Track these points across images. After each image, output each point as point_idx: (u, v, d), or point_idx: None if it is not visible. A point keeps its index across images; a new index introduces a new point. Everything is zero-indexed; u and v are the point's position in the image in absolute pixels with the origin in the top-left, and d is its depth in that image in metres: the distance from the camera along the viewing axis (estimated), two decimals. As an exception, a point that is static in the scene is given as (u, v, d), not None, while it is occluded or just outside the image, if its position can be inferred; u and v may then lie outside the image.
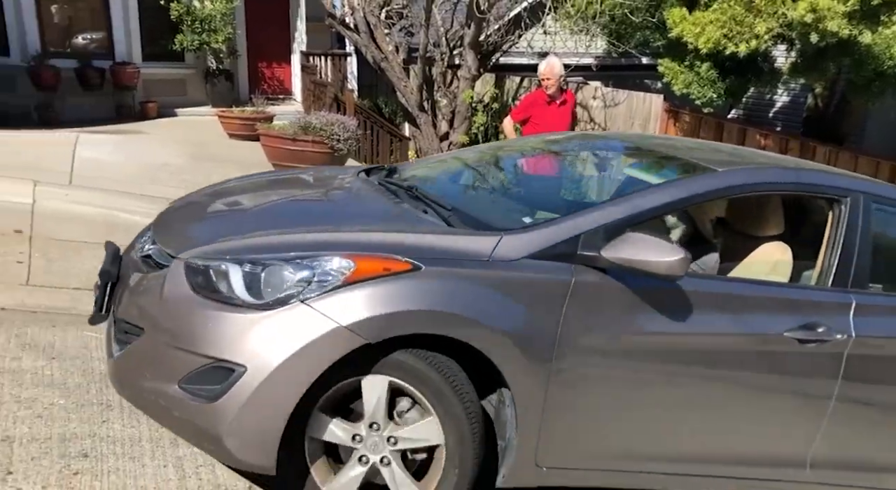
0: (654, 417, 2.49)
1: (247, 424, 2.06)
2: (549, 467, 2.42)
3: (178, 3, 11.02)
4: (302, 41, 13.16)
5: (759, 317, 2.50)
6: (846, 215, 2.65)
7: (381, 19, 9.29)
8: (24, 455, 2.23)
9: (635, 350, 2.37)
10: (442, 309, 2.15)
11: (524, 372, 2.24)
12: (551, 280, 2.26)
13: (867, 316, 2.59)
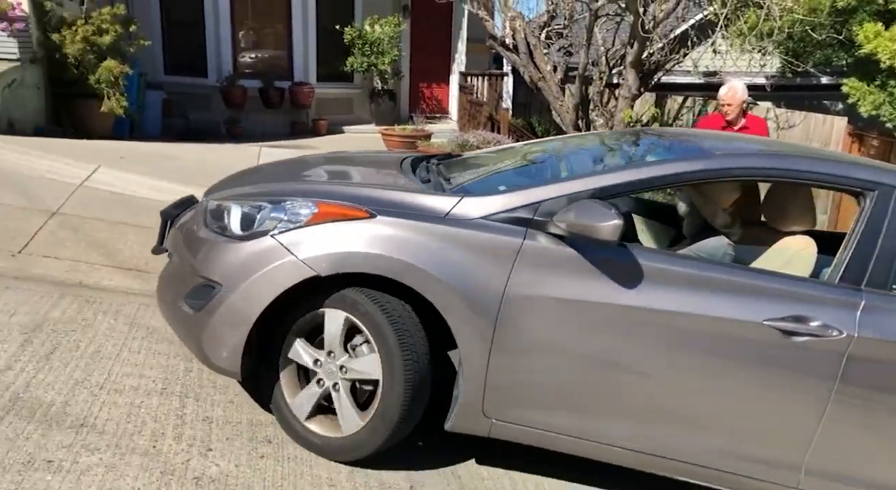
0: (596, 385, 2.50)
1: (218, 333, 2.46)
2: (497, 420, 2.52)
3: (351, 28, 11.81)
4: (461, 62, 13.59)
5: (731, 301, 2.41)
6: (868, 209, 2.47)
7: (541, 40, 9.38)
8: (220, 435, 2.49)
9: (579, 315, 2.41)
10: (390, 254, 2.38)
11: (469, 323, 2.39)
12: (503, 240, 2.40)
13: (880, 317, 2.38)
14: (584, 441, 2.56)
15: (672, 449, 2.52)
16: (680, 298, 2.40)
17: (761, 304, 2.40)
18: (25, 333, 2.83)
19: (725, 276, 2.47)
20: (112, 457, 2.20)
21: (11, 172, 4.99)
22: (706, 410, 2.49)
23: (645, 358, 2.46)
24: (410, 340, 2.42)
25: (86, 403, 2.45)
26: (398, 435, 2.49)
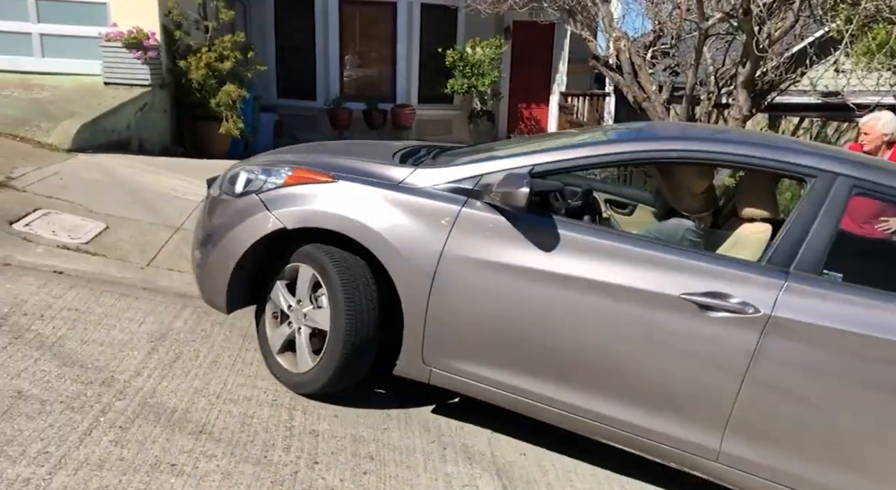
0: (518, 343, 2.72)
1: (211, 274, 3.00)
2: (434, 368, 2.83)
3: (452, 51, 12.04)
4: (561, 82, 13.52)
5: (649, 274, 2.54)
6: (807, 195, 2.55)
7: (646, 59, 9.19)
8: (326, 449, 2.56)
9: (502, 277, 2.65)
10: (344, 213, 2.77)
11: (410, 279, 2.72)
12: (444, 206, 2.72)
13: (801, 299, 2.42)
14: (511, 395, 2.78)
15: (590, 410, 2.67)
16: (598, 268, 2.58)
17: (681, 278, 2.51)
18: (152, 342, 3.04)
19: (646, 250, 2.59)
20: (227, 464, 2.31)
21: (142, 190, 5.40)
22: (621, 376, 2.62)
23: (562, 321, 2.64)
24: (357, 295, 2.74)
25: (204, 411, 2.59)
26: (342, 379, 2.84)
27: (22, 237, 3.82)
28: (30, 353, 2.69)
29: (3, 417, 2.25)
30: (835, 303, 2.41)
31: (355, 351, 2.78)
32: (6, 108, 6.63)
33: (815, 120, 9.75)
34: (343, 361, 2.77)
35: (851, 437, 2.42)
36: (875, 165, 2.69)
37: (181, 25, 8.73)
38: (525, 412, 2.82)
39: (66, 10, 8.42)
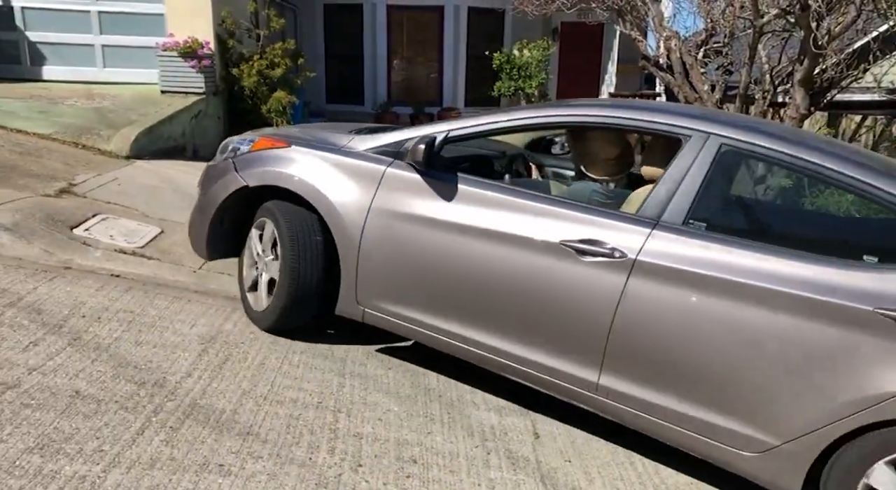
0: (430, 286, 3.11)
1: (194, 227, 3.66)
2: (366, 308, 3.26)
3: (499, 54, 12.02)
4: (610, 83, 13.35)
5: (536, 223, 2.87)
6: (680, 154, 2.81)
7: (698, 58, 8.99)
8: (369, 452, 2.58)
9: (415, 226, 3.07)
10: (292, 173, 3.27)
11: (344, 229, 3.17)
12: (373, 167, 3.18)
13: (663, 245, 2.68)
14: (428, 333, 3.15)
15: (493, 347, 3.00)
16: (490, 218, 2.95)
17: (562, 227, 2.83)
18: (203, 344, 3.11)
19: (533, 203, 2.94)
20: (273, 465, 2.34)
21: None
22: (513, 314, 2.94)
23: (460, 266, 3.02)
24: (300, 244, 3.20)
25: (251, 413, 2.64)
26: (288, 319, 3.33)
27: (82, 241, 3.97)
28: (87, 353, 2.79)
29: (62, 416, 2.34)
30: (694, 249, 2.64)
31: (297, 294, 3.25)
32: (70, 117, 6.93)
33: (879, 118, 9.35)
34: (287, 303, 3.26)
35: (704, 370, 2.64)
36: (746, 126, 2.87)
37: (234, 34, 8.97)
38: (442, 349, 3.18)
39: (126, 22, 8.76)
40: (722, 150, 2.76)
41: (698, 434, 2.68)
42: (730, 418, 2.60)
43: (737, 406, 2.59)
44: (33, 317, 2.99)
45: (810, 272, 2.48)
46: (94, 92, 8.14)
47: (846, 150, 2.89)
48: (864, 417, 2.37)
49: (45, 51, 8.76)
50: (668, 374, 2.72)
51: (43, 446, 2.16)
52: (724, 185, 2.99)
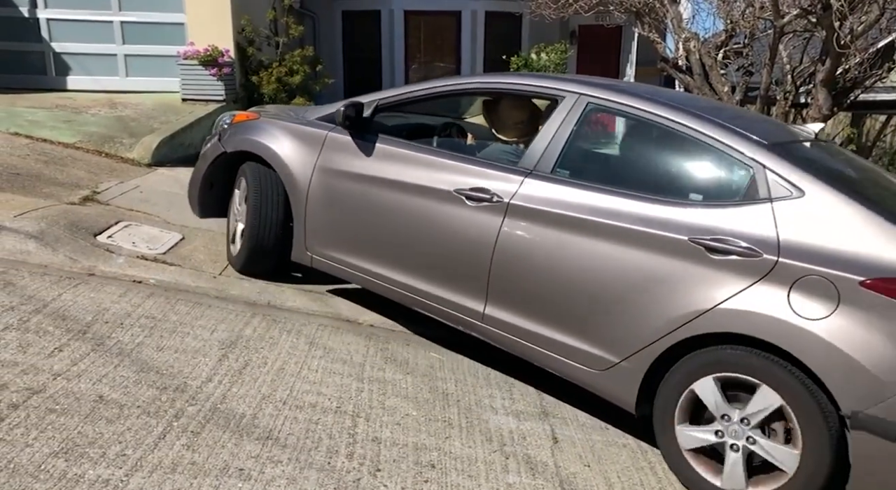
0: (359, 232, 3.64)
1: (190, 190, 4.40)
2: (313, 255, 3.80)
3: (517, 57, 12.02)
4: (629, 85, 13.29)
5: (436, 175, 3.36)
6: (553, 112, 3.25)
7: (718, 60, 8.91)
8: (388, 456, 2.59)
9: (347, 181, 3.64)
10: (256, 139, 3.93)
11: (295, 185, 3.77)
12: (318, 132, 3.79)
13: (532, 190, 3.11)
14: (360, 275, 3.68)
15: (404, 283, 3.50)
16: (399, 170, 3.48)
17: (455, 178, 3.30)
18: (223, 349, 3.15)
19: (434, 157, 3.46)
20: (293, 470, 2.36)
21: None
22: (419, 255, 3.44)
23: (376, 213, 3.55)
24: (262, 199, 3.81)
25: (271, 417, 2.66)
26: (254, 262, 4.00)
27: (105, 248, 4.03)
28: (110, 359, 2.83)
29: (86, 420, 2.37)
30: (557, 192, 3.05)
31: (259, 239, 3.89)
32: (93, 125, 7.05)
33: (903, 118, 9.21)
34: (252, 245, 3.91)
35: (563, 297, 3.04)
36: (609, 86, 3.33)
37: (253, 42, 9.07)
38: (371, 289, 3.71)
39: (148, 32, 8.90)
40: (588, 109, 3.19)
41: (560, 355, 3.08)
42: (582, 340, 2.99)
43: (588, 328, 2.97)
44: (58, 323, 3.04)
45: (647, 210, 2.85)
46: (117, 101, 8.28)
47: (690, 103, 3.25)
48: (680, 333, 2.70)
49: (69, 61, 8.92)
50: (535, 302, 3.12)
51: (67, 451, 2.19)
52: (587, 138, 3.46)
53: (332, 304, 4.04)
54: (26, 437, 2.22)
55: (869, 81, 7.97)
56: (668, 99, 3.23)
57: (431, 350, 3.72)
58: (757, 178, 2.75)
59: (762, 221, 2.65)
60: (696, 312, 2.66)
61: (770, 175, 2.72)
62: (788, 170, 2.70)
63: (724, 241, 2.66)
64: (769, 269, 2.58)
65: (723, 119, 3.01)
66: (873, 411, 2.36)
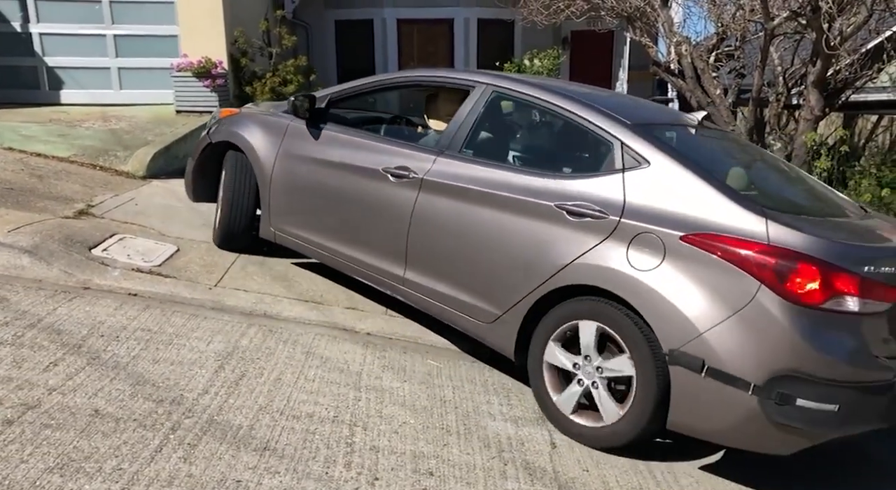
0: (311, 210, 4.13)
1: (186, 177, 4.95)
2: (276, 231, 4.29)
3: (510, 64, 12.05)
4: (622, 90, 13.32)
5: (369, 156, 3.88)
6: (465, 100, 3.74)
7: (709, 63, 8.95)
8: (386, 465, 2.58)
9: (301, 164, 4.14)
10: (235, 130, 4.45)
11: (262, 169, 4.27)
12: (282, 122, 4.30)
13: (443, 167, 3.59)
14: (312, 248, 4.15)
15: (343, 253, 3.99)
16: (344, 154, 3.98)
17: (383, 158, 3.80)
18: (219, 360, 3.14)
19: (367, 140, 3.98)
20: (290, 480, 2.35)
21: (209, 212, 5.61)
22: (355, 227, 3.93)
23: (328, 191, 4.02)
24: (235, 183, 4.40)
25: (268, 428, 2.66)
26: (231, 235, 4.54)
27: (100, 262, 4.03)
28: (106, 372, 2.82)
29: (82, 435, 2.37)
30: (461, 169, 3.52)
31: (233, 217, 4.43)
32: (87, 139, 7.05)
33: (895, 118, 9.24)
34: (227, 223, 4.47)
35: (463, 259, 3.46)
36: (512, 78, 3.89)
37: (246, 53, 9.09)
38: (320, 260, 4.23)
39: (141, 44, 8.91)
40: (492, 96, 3.68)
41: (461, 312, 3.51)
42: (476, 296, 3.42)
43: (479, 286, 3.41)
44: (53, 337, 3.03)
45: (528, 182, 3.30)
46: (111, 114, 8.28)
47: (579, 92, 3.68)
48: (546, 287, 3.13)
49: (62, 75, 8.93)
50: (441, 265, 3.56)
51: (63, 466, 2.18)
52: (490, 121, 3.83)
53: (329, 313, 4.03)
54: (21, 453, 2.21)
55: (860, 82, 8.01)
56: (558, 88, 3.70)
57: (429, 357, 3.71)
58: (615, 152, 3.17)
59: (614, 188, 3.07)
60: (558, 268, 3.10)
61: (625, 149, 3.14)
62: (640, 144, 3.11)
63: (582, 206, 3.09)
64: (613, 228, 2.99)
65: (602, 105, 3.42)
66: (685, 348, 2.73)
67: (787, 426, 2.66)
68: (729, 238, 2.75)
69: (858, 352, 2.74)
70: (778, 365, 2.63)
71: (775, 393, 2.63)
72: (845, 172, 8.66)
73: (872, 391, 2.75)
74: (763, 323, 2.65)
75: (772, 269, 2.66)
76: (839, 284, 2.66)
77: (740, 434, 2.76)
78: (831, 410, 2.66)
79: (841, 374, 2.67)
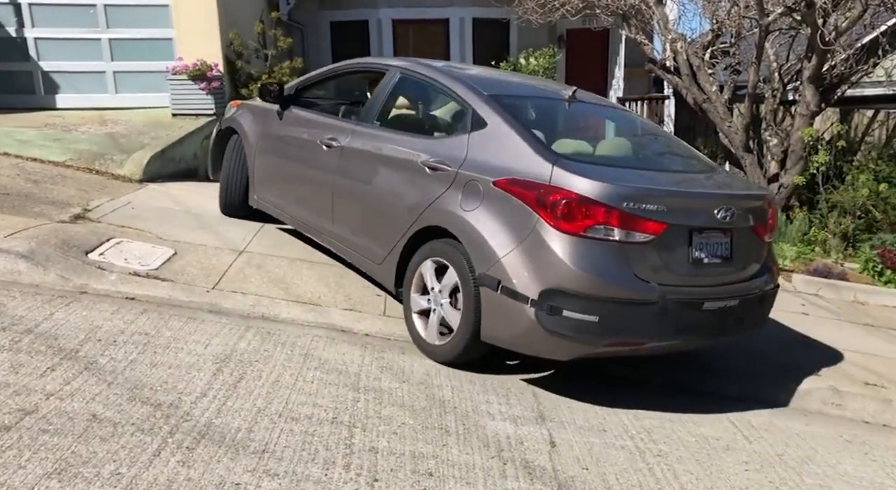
0: (283, 181, 4.98)
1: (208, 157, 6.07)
2: (258, 199, 5.22)
3: (506, 63, 12.04)
4: (618, 87, 13.31)
5: (312, 131, 4.67)
6: (381, 81, 4.50)
7: (705, 60, 8.95)
8: (385, 466, 2.58)
9: (275, 141, 5.02)
10: (235, 116, 5.49)
11: (249, 146, 5.21)
12: (266, 108, 5.15)
13: (358, 136, 4.33)
14: (288, 216, 4.94)
15: (298, 214, 4.82)
16: (300, 130, 4.81)
17: (324, 132, 4.56)
18: (217, 363, 3.13)
19: (315, 118, 4.82)
20: (289, 483, 2.35)
21: (207, 215, 5.61)
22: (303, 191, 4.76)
23: (286, 162, 4.91)
24: (231, 159, 5.40)
25: (267, 430, 2.65)
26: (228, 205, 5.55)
27: (97, 266, 4.02)
28: (103, 377, 2.82)
29: (80, 440, 2.36)
30: (370, 137, 4.27)
31: (229, 191, 5.48)
32: (83, 143, 7.04)
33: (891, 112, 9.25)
34: (225, 195, 5.54)
35: (366, 210, 4.20)
36: (417, 62, 4.53)
37: (242, 55, 9.07)
38: (286, 222, 5.05)
39: (136, 48, 8.89)
40: (399, 77, 4.41)
41: (362, 255, 4.23)
42: (372, 241, 4.13)
43: (374, 232, 4.12)
44: (50, 343, 3.02)
45: (410, 144, 4.02)
46: (107, 118, 8.27)
47: (463, 73, 4.34)
48: (412, 229, 3.81)
49: (58, 79, 8.91)
50: (352, 217, 4.30)
51: (61, 471, 2.18)
52: (394, 97, 4.54)
53: (327, 314, 4.03)
54: (19, 459, 2.20)
55: (855, 77, 8.01)
56: (448, 69, 4.38)
57: (427, 358, 3.71)
58: (468, 116, 3.85)
59: (461, 146, 3.74)
60: (418, 212, 3.78)
61: (474, 114, 3.80)
62: (484, 110, 3.77)
63: (438, 161, 3.76)
64: (454, 178, 3.65)
65: (474, 82, 4.07)
66: (489, 272, 3.37)
67: (558, 333, 3.23)
68: (521, 180, 3.38)
69: (617, 273, 3.24)
70: (548, 283, 3.21)
71: (546, 305, 3.21)
72: (842, 167, 8.67)
73: (633, 307, 3.25)
74: (538, 248, 3.26)
75: (546, 204, 3.26)
76: (599, 217, 3.20)
77: (527, 341, 3.37)
78: (592, 321, 3.20)
79: (599, 290, 3.20)
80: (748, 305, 3.65)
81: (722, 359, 4.48)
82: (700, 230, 3.44)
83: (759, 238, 3.78)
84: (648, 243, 3.28)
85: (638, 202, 3.24)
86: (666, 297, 3.30)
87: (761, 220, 3.76)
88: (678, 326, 3.40)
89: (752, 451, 3.34)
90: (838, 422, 3.99)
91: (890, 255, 7.04)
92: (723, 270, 3.58)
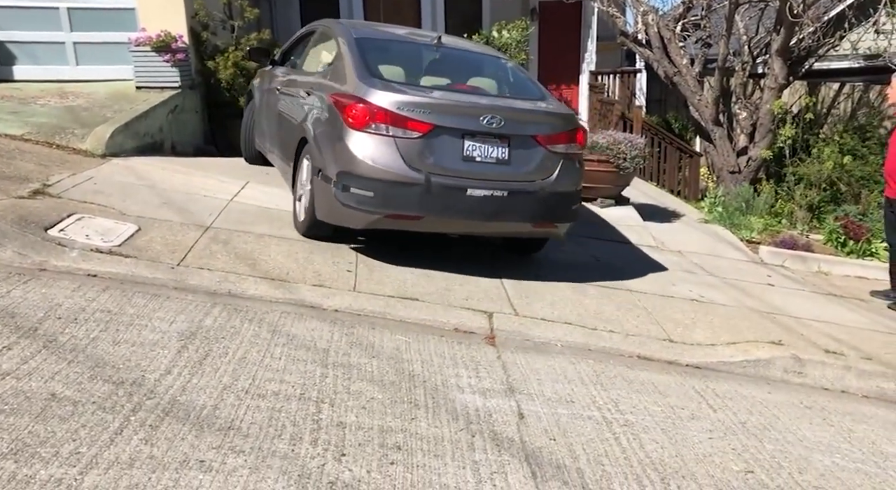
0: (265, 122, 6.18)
1: None
2: (259, 144, 6.46)
3: (478, 35, 11.89)
4: (591, 61, 13.26)
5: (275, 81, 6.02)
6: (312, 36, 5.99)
7: (676, 33, 8.94)
8: (353, 440, 2.57)
9: (267, 94, 6.16)
10: (253, 81, 7.22)
11: (256, 101, 6.65)
12: (265, 69, 6.66)
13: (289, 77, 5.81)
14: (266, 151, 6.20)
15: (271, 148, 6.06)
16: (274, 82, 6.00)
17: (279, 81, 5.88)
18: (182, 340, 3.09)
19: (280, 71, 6.13)
20: (255, 459, 2.33)
21: (172, 191, 5.49)
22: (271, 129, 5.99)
23: (267, 108, 6.07)
24: (247, 115, 6.87)
25: (233, 407, 2.63)
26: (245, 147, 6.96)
27: (57, 242, 3.92)
28: (63, 355, 2.76)
29: (37, 420, 2.31)
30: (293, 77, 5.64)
31: (245, 141, 6.84)
32: (42, 116, 6.82)
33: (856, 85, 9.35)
34: (243, 145, 6.90)
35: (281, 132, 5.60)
36: (336, 21, 5.81)
37: (208, 26, 8.82)
38: (270, 160, 6.18)
39: (97, 18, 8.59)
40: (319, 31, 5.74)
41: (286, 164, 5.35)
42: (287, 155, 5.30)
43: (287, 148, 5.28)
44: (6, 321, 2.94)
45: (307, 79, 5.30)
46: (68, 90, 8.00)
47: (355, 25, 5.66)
48: (298, 136, 4.99)
49: (14, 50, 8.58)
50: (279, 137, 5.60)
51: (17, 452, 2.13)
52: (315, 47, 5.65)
53: (295, 290, 3.99)
54: (-26, 440, 2.15)
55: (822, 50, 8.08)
56: (348, 23, 5.99)
57: (397, 333, 3.70)
58: (336, 53, 5.00)
59: (326, 74, 5.04)
60: (301, 126, 4.96)
61: (338, 51, 5.00)
62: (344, 48, 4.92)
63: (312, 87, 5.02)
64: (318, 98, 4.87)
65: (353, 30, 5.22)
66: (317, 164, 4.59)
67: (349, 206, 4.36)
68: (341, 94, 4.51)
69: (389, 160, 4.27)
70: (341, 166, 4.36)
71: (341, 184, 4.35)
72: (808, 140, 8.77)
73: (402, 186, 4.28)
74: (339, 142, 4.39)
75: (346, 108, 4.37)
76: (377, 118, 4.28)
77: (334, 214, 4.51)
78: (370, 196, 4.30)
79: (375, 173, 4.28)
80: (521, 198, 4.49)
81: (687, 330, 4.54)
82: (472, 134, 4.39)
83: (542, 147, 4.58)
84: (418, 139, 4.30)
85: (408, 108, 4.28)
86: (430, 180, 4.27)
87: (546, 132, 4.60)
88: (445, 205, 4.35)
89: (717, 419, 3.41)
90: (799, 389, 4.09)
91: (853, 227, 7.18)
92: (500, 169, 4.48)
